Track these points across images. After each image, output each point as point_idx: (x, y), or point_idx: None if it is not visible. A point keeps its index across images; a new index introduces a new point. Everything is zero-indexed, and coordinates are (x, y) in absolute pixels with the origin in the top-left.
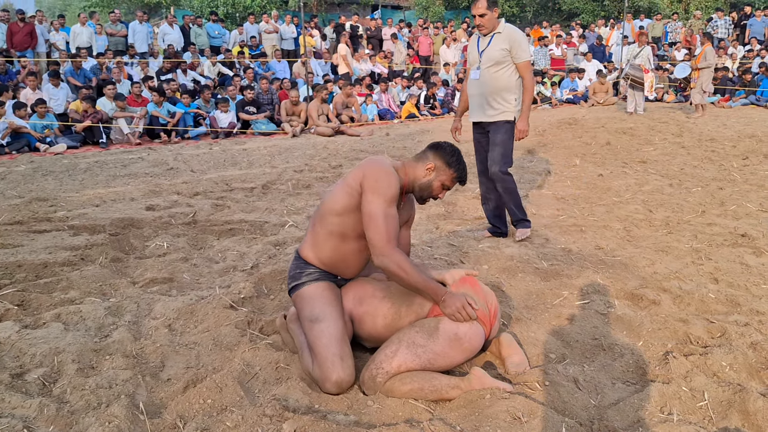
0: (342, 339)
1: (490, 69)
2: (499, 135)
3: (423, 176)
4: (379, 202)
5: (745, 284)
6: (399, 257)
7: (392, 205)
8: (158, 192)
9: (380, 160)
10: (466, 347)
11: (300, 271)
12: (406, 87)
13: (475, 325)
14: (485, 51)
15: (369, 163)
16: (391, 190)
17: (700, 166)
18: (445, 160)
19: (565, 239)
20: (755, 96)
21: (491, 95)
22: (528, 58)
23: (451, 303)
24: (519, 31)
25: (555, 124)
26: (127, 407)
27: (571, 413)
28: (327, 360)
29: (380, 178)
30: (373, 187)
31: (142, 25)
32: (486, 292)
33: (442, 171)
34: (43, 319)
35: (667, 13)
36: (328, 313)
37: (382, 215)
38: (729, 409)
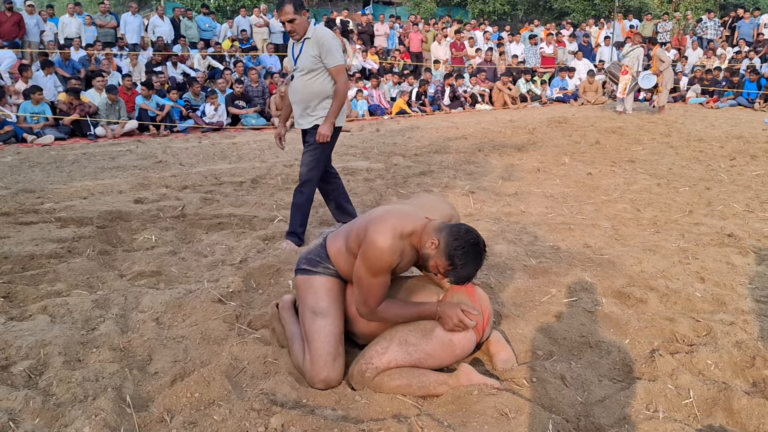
0: (339, 339)
1: (304, 76)
2: (312, 139)
3: (426, 247)
4: (366, 272)
5: (731, 284)
6: (380, 314)
7: (380, 276)
8: (147, 185)
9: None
10: (458, 353)
11: (320, 260)
12: (397, 83)
13: (469, 332)
14: (299, 58)
15: (375, 223)
16: (377, 264)
17: (687, 166)
18: (449, 247)
19: (553, 237)
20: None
21: (308, 102)
22: (340, 62)
23: (448, 318)
24: (329, 34)
25: (545, 122)
26: (113, 400)
27: (558, 410)
28: (321, 357)
29: (373, 253)
30: (364, 257)
31: (135, 17)
32: (481, 297)
33: (441, 255)
34: (29, 312)
35: (657, 13)
36: (333, 310)
37: (365, 285)
38: (714, 407)
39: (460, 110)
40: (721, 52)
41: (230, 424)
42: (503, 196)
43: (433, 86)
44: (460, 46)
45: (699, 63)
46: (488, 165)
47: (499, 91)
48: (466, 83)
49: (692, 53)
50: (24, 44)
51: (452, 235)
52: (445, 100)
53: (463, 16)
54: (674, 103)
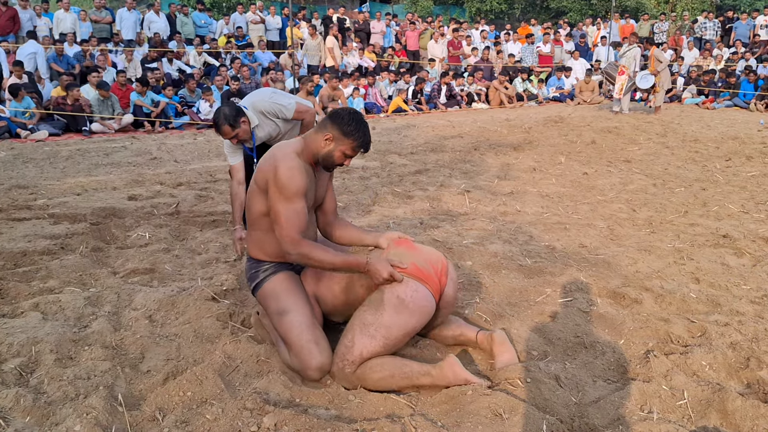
0: (312, 325)
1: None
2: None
3: (323, 147)
4: (281, 199)
5: (725, 284)
6: (305, 248)
7: (295, 200)
8: (141, 182)
9: (281, 150)
10: (413, 308)
11: (255, 271)
12: (393, 81)
13: (413, 283)
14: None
15: (271, 159)
16: (293, 183)
17: (683, 166)
18: (342, 129)
19: (549, 237)
20: (740, 98)
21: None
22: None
23: (376, 271)
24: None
25: (541, 121)
26: (105, 398)
27: (552, 410)
28: (303, 348)
29: (280, 175)
30: (277, 186)
31: (131, 13)
32: (426, 251)
33: (340, 141)
34: (21, 309)
35: (654, 13)
36: (292, 302)
37: (282, 212)
38: (708, 408)
39: (456, 109)
40: (717, 53)
41: (223, 424)
42: (499, 195)
43: (430, 85)
44: (458, 44)
45: (695, 63)
46: (484, 164)
47: (495, 90)
48: (463, 82)
49: (688, 54)
50: (18, 39)
51: (335, 120)
52: (441, 99)
53: (460, 14)
54: (670, 103)
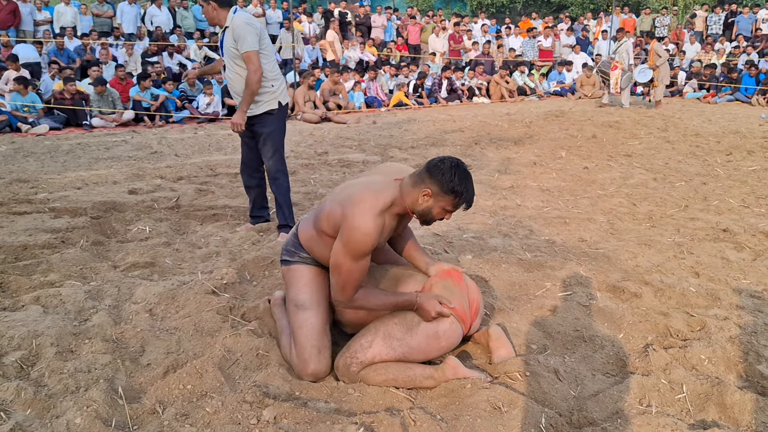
0: (323, 331)
1: (233, 66)
2: (266, 128)
3: (420, 203)
4: (346, 256)
5: (725, 279)
6: (358, 302)
7: (360, 260)
8: (141, 176)
9: (368, 201)
10: (443, 345)
11: (294, 250)
12: (394, 75)
13: (454, 323)
14: (223, 47)
15: (352, 205)
16: (362, 246)
17: (684, 160)
18: (442, 186)
19: (549, 231)
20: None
21: (241, 92)
22: (250, 47)
23: (426, 311)
24: (243, 20)
25: (542, 115)
26: (105, 391)
27: (551, 404)
28: (305, 351)
29: (352, 234)
30: (346, 241)
31: (132, 6)
32: (469, 287)
33: (440, 197)
34: (21, 302)
35: (655, 7)
36: (314, 302)
37: (345, 271)
38: (707, 402)
39: (457, 103)
40: (719, 47)
41: (223, 416)
42: (499, 189)
43: (431, 79)
44: (459, 38)
45: (696, 58)
46: (485, 158)
47: (496, 84)
48: (464, 76)
49: (690, 47)
50: (18, 33)
51: (436, 173)
52: (442, 93)
53: (461, 8)
54: (671, 97)
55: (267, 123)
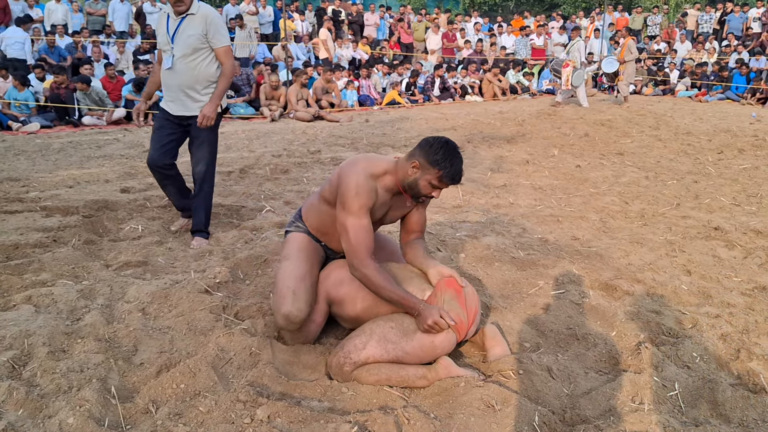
0: (300, 277)
1: (188, 57)
2: (203, 131)
3: (409, 175)
4: (347, 214)
5: (716, 276)
6: (369, 270)
7: (360, 215)
8: (133, 174)
9: (361, 162)
10: (437, 353)
11: (293, 221)
12: (387, 74)
13: (450, 333)
14: (178, 36)
15: (347, 166)
16: (358, 199)
17: (676, 159)
18: (428, 157)
19: (541, 229)
20: (732, 91)
21: (192, 86)
22: (228, 42)
23: (425, 318)
24: (215, 11)
25: (534, 114)
26: (98, 391)
27: (544, 402)
28: (280, 292)
29: (346, 189)
30: (341, 197)
31: (123, 4)
32: (468, 296)
33: (426, 169)
34: (13, 301)
35: (647, 6)
36: (294, 253)
37: (349, 227)
38: (698, 399)
39: (450, 101)
40: (710, 46)
41: (216, 416)
42: (492, 187)
43: (423, 77)
44: (452, 36)
45: (688, 56)
46: (477, 156)
47: (489, 82)
48: (457, 74)
49: (681, 46)
50: None
51: (425, 148)
52: (435, 91)
53: (454, 6)
54: (663, 96)
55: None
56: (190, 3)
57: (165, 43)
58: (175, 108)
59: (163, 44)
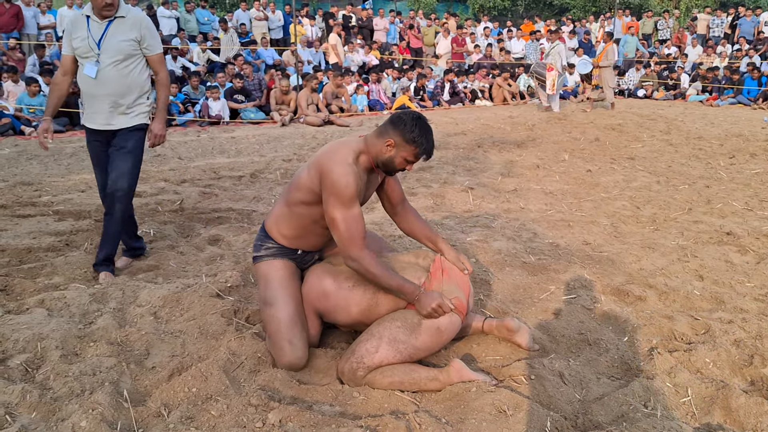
0: (291, 322)
1: (119, 65)
2: (130, 141)
3: (384, 153)
4: (337, 206)
5: (729, 282)
6: (366, 261)
7: (352, 206)
8: (145, 179)
9: (338, 151)
10: (445, 339)
11: (261, 243)
12: (397, 78)
13: (453, 315)
14: (106, 40)
15: (326, 159)
16: (348, 190)
17: (687, 163)
18: (404, 135)
19: (552, 234)
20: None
21: (123, 96)
22: (162, 49)
23: (426, 303)
24: (147, 18)
25: (544, 118)
26: (110, 395)
27: (556, 407)
28: (276, 345)
29: (335, 181)
30: (329, 190)
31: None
32: (460, 276)
33: (402, 147)
34: (26, 305)
35: (657, 10)
36: (279, 296)
37: (341, 219)
38: (712, 406)
39: (459, 106)
40: (721, 50)
41: (228, 419)
42: (502, 192)
43: (433, 82)
44: (462, 41)
45: (699, 61)
46: (487, 161)
47: (498, 87)
48: (466, 79)
49: (692, 51)
50: (22, 36)
51: (399, 124)
52: (444, 96)
53: (463, 11)
54: (674, 100)
55: (135, 138)
56: (118, 5)
57: (87, 49)
58: (101, 121)
59: (83, 50)
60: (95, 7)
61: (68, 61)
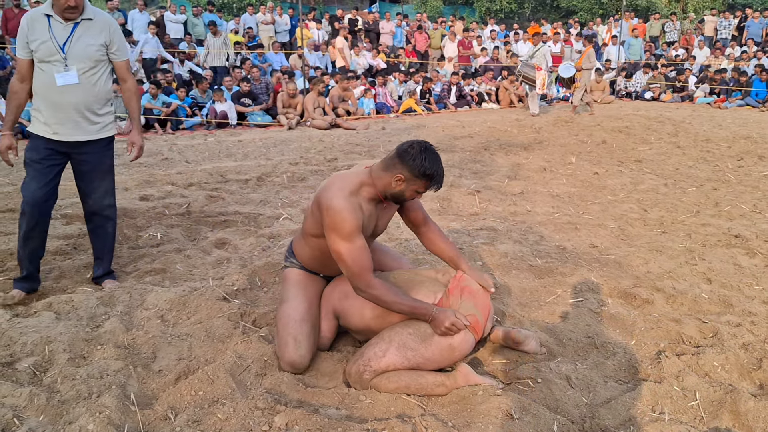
0: (301, 320)
1: (87, 72)
2: (106, 158)
3: (394, 187)
4: (339, 240)
5: (737, 285)
6: (376, 290)
7: (353, 239)
8: (152, 182)
9: (334, 185)
10: (456, 355)
11: (288, 255)
12: (403, 82)
13: (467, 333)
14: (72, 45)
15: (323, 195)
16: (347, 224)
17: (695, 166)
18: (414, 171)
19: (559, 237)
20: (752, 97)
21: (91, 106)
22: (129, 54)
23: (440, 322)
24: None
25: (551, 121)
26: (118, 398)
27: (563, 411)
28: (281, 340)
29: (333, 216)
30: (329, 226)
31: (142, 14)
32: (480, 295)
33: (412, 181)
34: (34, 308)
35: (665, 12)
36: (293, 294)
37: (346, 253)
38: (720, 409)
39: (466, 109)
40: (730, 52)
41: (234, 423)
42: (509, 195)
43: (440, 85)
44: (468, 44)
45: (707, 62)
46: (494, 164)
47: (505, 89)
48: (472, 82)
49: (699, 52)
50: None
51: (407, 158)
52: (451, 99)
53: (470, 14)
54: (681, 102)
55: (109, 155)
56: (83, 7)
57: (49, 53)
58: (67, 132)
59: (44, 54)
60: (57, 6)
61: (25, 66)
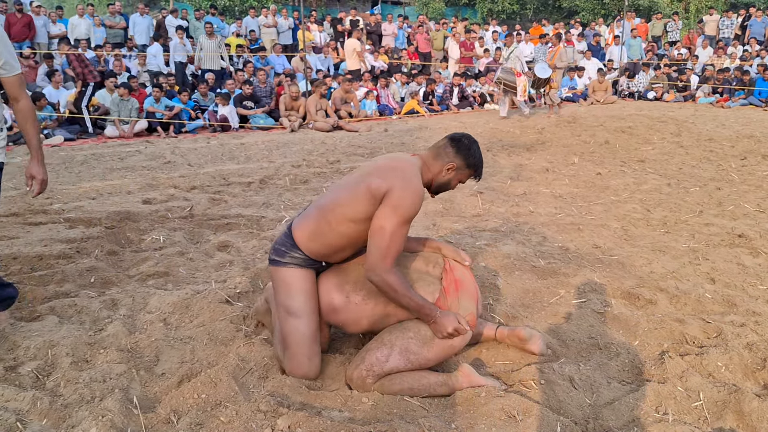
0: (313, 338)
1: None
2: None
3: (443, 175)
4: (394, 219)
5: (741, 285)
6: (392, 277)
7: (405, 225)
8: (155, 185)
9: (409, 169)
10: (456, 351)
11: (285, 250)
12: (405, 83)
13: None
14: None
15: (398, 177)
16: (413, 209)
17: (698, 165)
18: (467, 160)
19: (562, 237)
20: (755, 96)
21: None
22: (20, 68)
23: (443, 327)
24: None
25: (554, 122)
26: (120, 401)
27: (567, 412)
28: (296, 358)
29: (407, 197)
30: (396, 204)
31: (143, 18)
32: (469, 285)
33: (462, 170)
34: (37, 312)
35: (667, 12)
36: (304, 309)
37: (390, 234)
38: (724, 410)
39: (468, 110)
40: (732, 51)
41: (237, 426)
42: (512, 196)
43: (442, 86)
44: (470, 45)
45: (709, 62)
46: (497, 165)
47: None
48: (475, 83)
49: (702, 52)
50: (34, 46)
51: (462, 150)
52: (453, 100)
53: (472, 15)
54: (684, 102)
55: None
56: None
57: None
58: None
59: None
60: None
61: None
